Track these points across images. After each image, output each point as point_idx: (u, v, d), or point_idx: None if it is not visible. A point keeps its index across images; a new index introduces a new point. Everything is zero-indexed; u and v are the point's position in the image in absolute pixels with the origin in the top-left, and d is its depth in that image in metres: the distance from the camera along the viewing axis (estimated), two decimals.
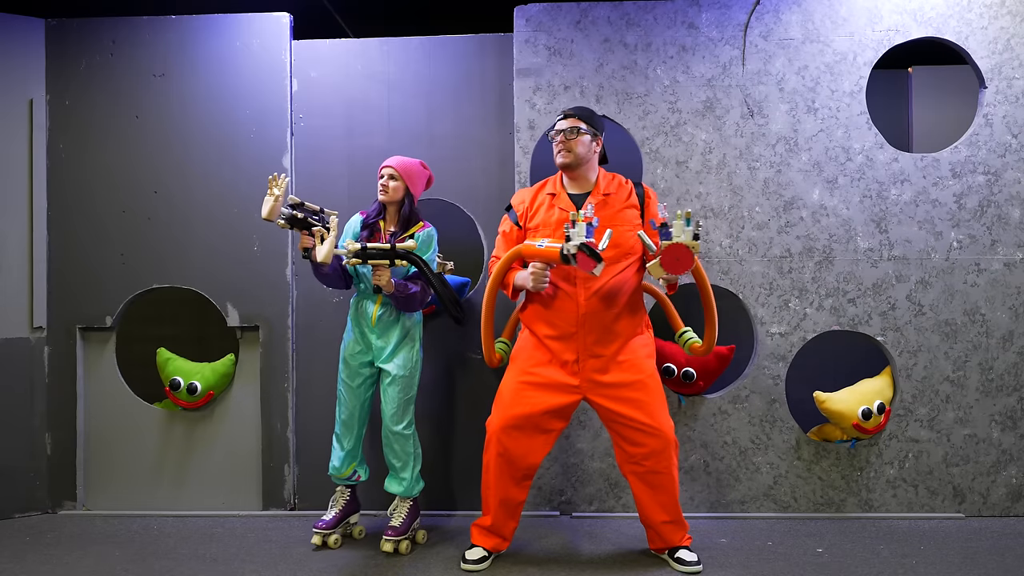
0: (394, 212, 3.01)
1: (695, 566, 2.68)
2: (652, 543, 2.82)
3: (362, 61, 3.49)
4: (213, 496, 3.45)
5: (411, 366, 2.95)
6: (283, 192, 2.81)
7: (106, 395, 3.49)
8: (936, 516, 3.27)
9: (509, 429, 2.69)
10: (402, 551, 2.90)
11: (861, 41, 3.30)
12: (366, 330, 2.96)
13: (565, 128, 2.74)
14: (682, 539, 2.76)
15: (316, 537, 2.98)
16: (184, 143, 3.46)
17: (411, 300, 2.88)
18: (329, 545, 2.97)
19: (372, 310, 2.95)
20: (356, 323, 2.98)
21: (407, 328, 2.97)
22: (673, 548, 2.75)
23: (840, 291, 3.30)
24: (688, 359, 3.28)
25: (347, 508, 3.07)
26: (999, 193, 3.28)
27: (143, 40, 3.46)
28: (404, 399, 2.93)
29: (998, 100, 3.28)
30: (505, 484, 2.73)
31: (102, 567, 2.81)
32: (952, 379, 3.29)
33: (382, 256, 2.74)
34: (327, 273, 2.89)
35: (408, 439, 2.95)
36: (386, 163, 3.00)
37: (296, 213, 2.79)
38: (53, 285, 3.46)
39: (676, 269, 2.43)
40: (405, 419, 2.94)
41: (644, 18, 3.34)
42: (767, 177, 3.31)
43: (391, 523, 2.95)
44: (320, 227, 2.82)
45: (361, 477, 3.07)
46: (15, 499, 3.41)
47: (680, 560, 2.71)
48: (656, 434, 2.64)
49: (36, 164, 3.46)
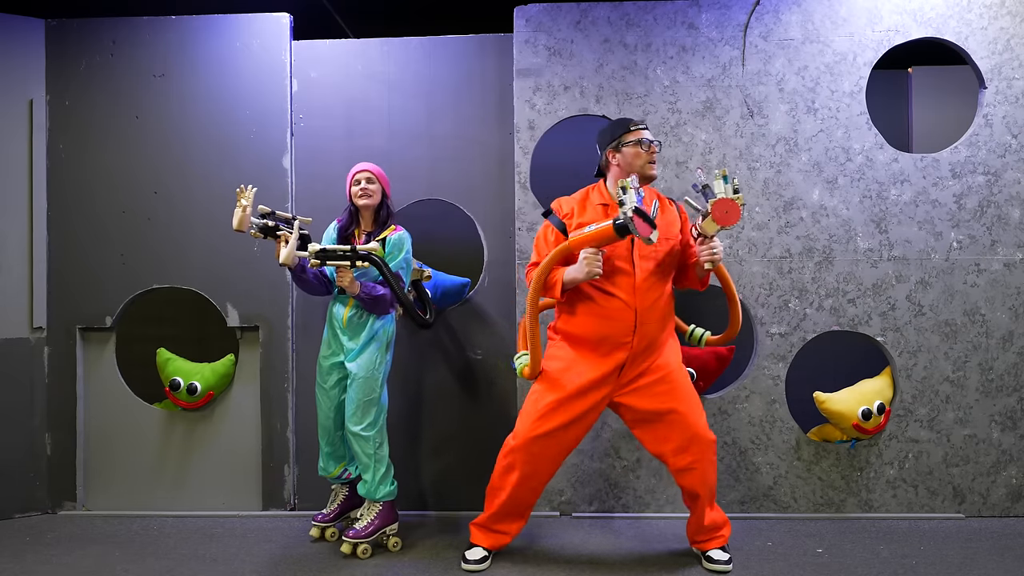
0: (370, 216, 3.01)
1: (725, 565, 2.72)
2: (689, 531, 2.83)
3: (362, 61, 3.49)
4: (213, 496, 3.45)
5: (373, 368, 2.91)
6: (250, 203, 2.83)
7: (106, 395, 3.49)
8: (936, 516, 3.27)
9: (540, 441, 2.66)
10: (359, 554, 2.86)
11: (861, 41, 3.30)
12: (338, 331, 2.98)
13: (652, 139, 2.71)
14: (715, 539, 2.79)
15: (314, 529, 3.03)
16: (184, 143, 3.46)
17: (378, 302, 2.90)
18: (326, 538, 3.00)
19: (343, 312, 2.96)
20: (329, 325, 3.01)
21: (375, 330, 2.96)
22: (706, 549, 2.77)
23: (840, 291, 3.30)
24: (689, 360, 3.28)
25: (347, 503, 3.09)
26: (999, 193, 3.28)
27: (143, 40, 3.46)
28: (364, 400, 2.90)
29: (998, 100, 3.28)
30: (524, 494, 2.73)
31: (102, 567, 2.81)
32: (952, 379, 3.29)
33: (342, 258, 2.74)
34: (306, 280, 2.92)
35: (368, 441, 2.89)
36: (361, 168, 3.01)
37: (267, 222, 2.82)
38: (53, 285, 3.46)
39: (728, 221, 2.50)
40: (365, 420, 2.89)
41: (644, 18, 3.34)
42: (767, 177, 3.31)
43: (354, 524, 2.95)
44: (286, 232, 2.83)
45: (353, 474, 3.09)
46: (15, 499, 3.41)
47: (709, 559, 2.74)
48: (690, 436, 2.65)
49: (36, 164, 3.46)
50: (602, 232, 2.48)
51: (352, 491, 3.11)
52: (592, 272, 2.52)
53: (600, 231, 2.49)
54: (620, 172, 2.70)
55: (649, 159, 2.69)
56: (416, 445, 3.45)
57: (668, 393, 2.66)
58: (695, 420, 2.66)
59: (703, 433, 2.66)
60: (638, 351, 2.65)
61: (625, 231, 2.43)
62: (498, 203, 3.42)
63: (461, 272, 3.48)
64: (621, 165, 2.70)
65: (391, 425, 3.44)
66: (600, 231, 2.49)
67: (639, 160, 2.68)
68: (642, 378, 2.68)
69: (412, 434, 3.45)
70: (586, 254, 2.53)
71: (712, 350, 3.30)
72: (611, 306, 2.63)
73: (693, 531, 2.80)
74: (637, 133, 2.69)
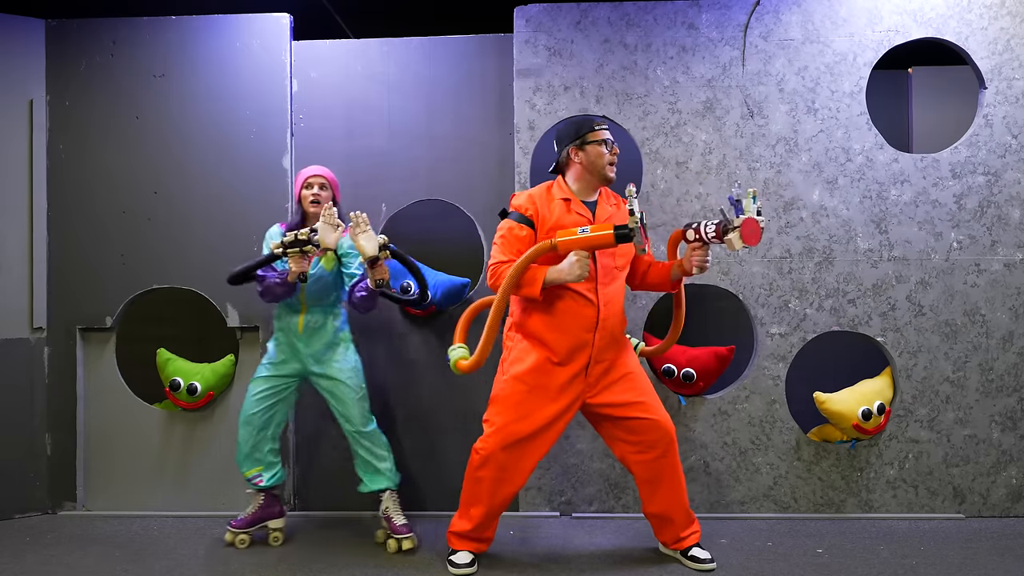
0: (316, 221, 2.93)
1: (708, 563, 2.73)
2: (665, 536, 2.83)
3: (362, 62, 3.49)
4: (213, 496, 3.45)
5: (353, 365, 3.01)
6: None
7: (106, 395, 3.49)
8: (936, 517, 3.27)
9: (512, 447, 2.66)
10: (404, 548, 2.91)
11: (861, 42, 3.30)
12: (293, 339, 2.98)
13: (614, 141, 2.72)
14: (693, 535, 2.80)
15: (228, 534, 3.00)
16: (184, 144, 3.46)
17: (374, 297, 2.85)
18: (236, 545, 2.98)
19: (298, 319, 2.97)
20: (283, 333, 2.99)
21: (336, 331, 3.00)
22: (687, 547, 2.78)
23: (840, 292, 3.30)
24: (688, 360, 3.28)
25: (263, 512, 3.03)
26: (999, 194, 3.28)
27: (143, 41, 3.46)
28: (357, 398, 2.98)
29: (998, 101, 3.28)
30: (499, 498, 2.71)
31: (102, 567, 2.81)
32: (952, 380, 3.29)
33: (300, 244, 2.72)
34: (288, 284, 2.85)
35: (378, 434, 3.02)
36: (314, 172, 3.01)
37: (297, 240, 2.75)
38: (53, 285, 3.46)
39: (751, 240, 2.52)
40: (366, 416, 3.00)
41: (644, 19, 3.34)
42: (767, 178, 3.31)
43: (392, 518, 2.97)
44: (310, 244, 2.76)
45: (263, 482, 3.01)
46: (15, 499, 3.41)
47: (694, 558, 2.75)
48: (659, 427, 2.70)
49: (36, 164, 3.46)
50: (600, 238, 2.49)
51: (270, 500, 3.04)
52: (582, 275, 2.53)
53: (599, 237, 2.49)
54: (581, 170, 2.70)
55: (611, 160, 2.70)
56: (415, 445, 3.45)
57: (634, 388, 2.73)
58: (662, 412, 2.74)
59: (669, 424, 2.74)
60: (600, 347, 2.68)
61: (626, 239, 2.45)
62: (498, 203, 3.41)
63: (461, 272, 3.48)
64: (583, 163, 2.69)
65: (391, 425, 3.45)
66: (599, 237, 2.49)
67: (602, 160, 2.68)
68: (608, 375, 2.73)
69: (411, 434, 3.45)
70: (577, 256, 2.52)
71: (712, 350, 3.31)
72: (574, 303, 2.64)
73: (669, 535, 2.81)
74: (601, 133, 2.70)
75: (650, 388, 2.79)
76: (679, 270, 2.71)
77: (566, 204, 2.69)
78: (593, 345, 2.66)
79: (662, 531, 2.82)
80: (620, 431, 2.75)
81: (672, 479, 2.75)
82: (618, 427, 2.75)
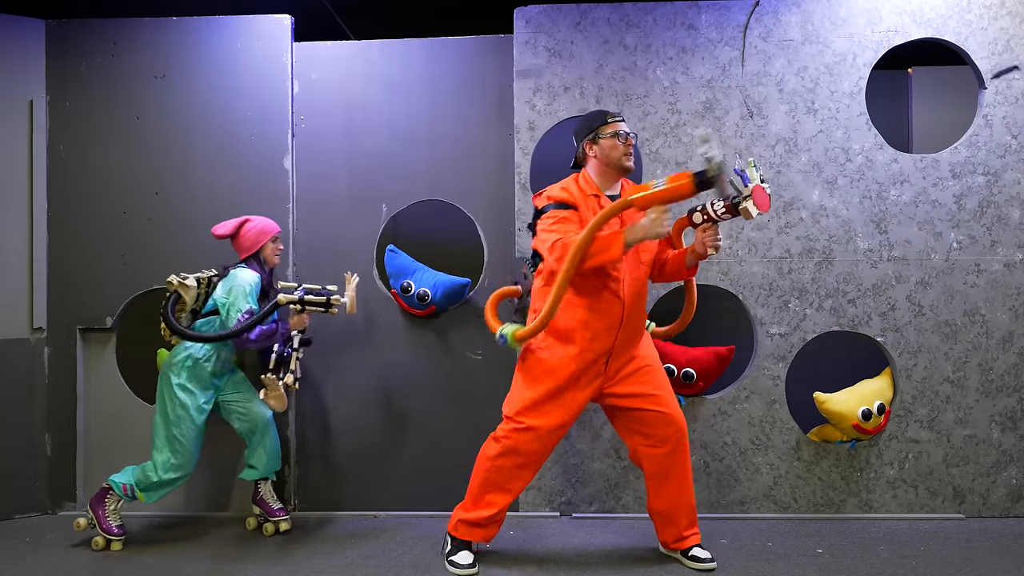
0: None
1: (709, 563, 2.73)
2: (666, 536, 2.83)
3: (363, 63, 3.49)
4: (213, 496, 3.45)
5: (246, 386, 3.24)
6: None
7: (106, 396, 3.49)
8: (936, 517, 3.27)
9: (538, 438, 2.68)
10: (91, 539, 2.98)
11: (861, 42, 3.30)
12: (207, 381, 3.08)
13: (629, 132, 2.70)
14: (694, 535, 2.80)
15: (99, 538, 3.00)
16: (185, 144, 3.46)
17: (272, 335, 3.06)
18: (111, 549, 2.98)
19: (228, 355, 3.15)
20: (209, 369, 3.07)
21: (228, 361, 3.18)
22: (687, 547, 2.78)
23: (840, 292, 3.30)
24: (688, 360, 3.28)
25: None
26: (999, 194, 3.28)
27: (144, 41, 3.46)
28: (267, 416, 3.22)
29: (998, 101, 3.29)
30: (519, 485, 2.75)
31: (102, 567, 2.81)
32: (952, 380, 3.29)
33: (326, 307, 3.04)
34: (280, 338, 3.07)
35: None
36: (278, 228, 3.19)
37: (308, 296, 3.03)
38: (53, 285, 3.46)
39: (764, 207, 2.50)
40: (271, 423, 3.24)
41: (644, 19, 3.35)
42: (767, 178, 3.32)
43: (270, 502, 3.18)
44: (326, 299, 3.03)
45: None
46: (15, 499, 3.41)
47: (694, 558, 2.75)
48: (671, 421, 2.71)
49: (36, 165, 3.46)
50: (678, 188, 2.36)
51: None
52: (662, 232, 2.42)
53: (677, 187, 2.37)
54: (598, 163, 2.70)
55: (626, 151, 2.69)
56: (415, 445, 3.45)
57: (650, 381, 2.74)
58: (676, 408, 2.76)
59: (682, 420, 2.74)
60: (623, 342, 2.70)
61: (707, 185, 2.33)
62: (498, 203, 3.42)
63: (461, 272, 3.48)
64: (599, 156, 2.69)
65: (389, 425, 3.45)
66: (677, 187, 2.37)
67: (616, 152, 2.67)
68: (626, 367, 2.75)
69: (411, 434, 3.45)
70: (656, 211, 2.42)
71: (712, 350, 3.31)
72: (602, 298, 2.66)
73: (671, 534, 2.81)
74: (614, 125, 2.69)
75: (666, 383, 2.80)
76: (693, 256, 2.73)
77: (597, 200, 2.69)
78: (616, 339, 2.68)
79: (664, 530, 2.82)
80: (634, 423, 2.76)
81: (680, 477, 2.76)
82: (632, 419, 2.76)
